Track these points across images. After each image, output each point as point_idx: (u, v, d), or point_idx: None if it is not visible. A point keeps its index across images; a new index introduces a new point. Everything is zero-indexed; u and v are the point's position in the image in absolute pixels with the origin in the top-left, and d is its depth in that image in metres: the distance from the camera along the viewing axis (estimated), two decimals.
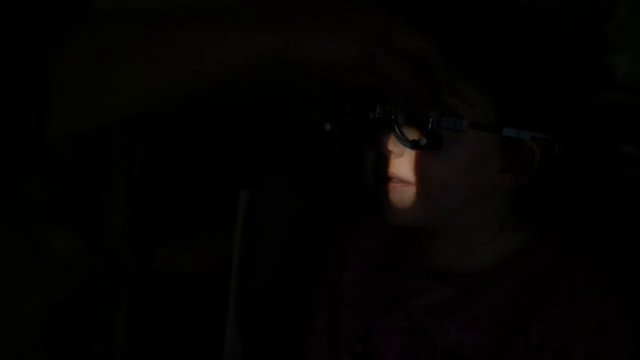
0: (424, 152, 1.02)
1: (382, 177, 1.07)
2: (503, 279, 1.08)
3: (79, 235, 1.43)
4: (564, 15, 1.49)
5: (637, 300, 1.12)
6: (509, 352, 1.06)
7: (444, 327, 1.09)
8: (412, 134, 1.02)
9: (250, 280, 1.43)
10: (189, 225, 1.58)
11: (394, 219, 1.07)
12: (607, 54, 1.51)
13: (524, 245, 1.10)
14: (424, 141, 1.00)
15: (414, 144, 1.01)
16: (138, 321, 1.57)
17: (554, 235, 1.12)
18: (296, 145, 1.52)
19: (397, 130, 1.03)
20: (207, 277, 1.56)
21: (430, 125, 1.00)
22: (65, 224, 1.40)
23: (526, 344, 1.05)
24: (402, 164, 1.04)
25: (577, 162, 1.12)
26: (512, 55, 1.03)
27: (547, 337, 1.04)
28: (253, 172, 1.46)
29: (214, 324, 1.44)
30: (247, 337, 1.41)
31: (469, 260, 1.10)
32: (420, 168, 1.03)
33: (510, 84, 1.03)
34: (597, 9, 1.52)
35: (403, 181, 1.05)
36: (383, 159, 1.05)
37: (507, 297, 1.07)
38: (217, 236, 1.52)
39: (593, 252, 1.14)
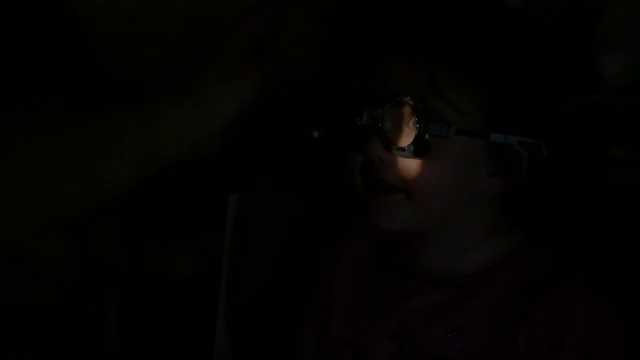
0: (412, 158, 1.02)
1: (371, 182, 1.07)
2: (493, 282, 1.09)
3: (71, 238, 1.43)
4: (554, 17, 1.49)
5: (628, 303, 1.13)
6: (497, 356, 1.06)
7: (433, 331, 1.09)
8: (399, 141, 1.03)
9: (241, 282, 1.43)
10: (181, 227, 1.58)
11: (382, 223, 1.07)
12: (597, 56, 1.51)
13: (513, 248, 1.10)
14: (411, 148, 1.01)
15: (401, 151, 1.02)
16: (129, 324, 1.56)
17: (546, 237, 1.12)
18: (289, 148, 1.52)
19: (384, 136, 1.03)
20: (199, 280, 1.56)
21: (417, 132, 1.00)
22: (57, 227, 1.39)
23: (514, 347, 1.05)
24: (390, 169, 1.04)
25: (566, 165, 1.12)
26: (500, 60, 1.03)
27: (535, 340, 1.04)
28: (245, 175, 1.46)
29: (205, 327, 1.44)
30: (236, 340, 1.42)
31: (459, 264, 1.11)
32: (408, 174, 1.03)
33: (498, 90, 1.03)
34: (587, 11, 1.52)
35: (391, 186, 1.05)
36: (371, 164, 1.06)
37: (497, 301, 1.08)
38: (209, 239, 1.52)
39: (582, 255, 1.14)
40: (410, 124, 1.02)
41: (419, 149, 1.01)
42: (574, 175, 1.20)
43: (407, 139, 1.02)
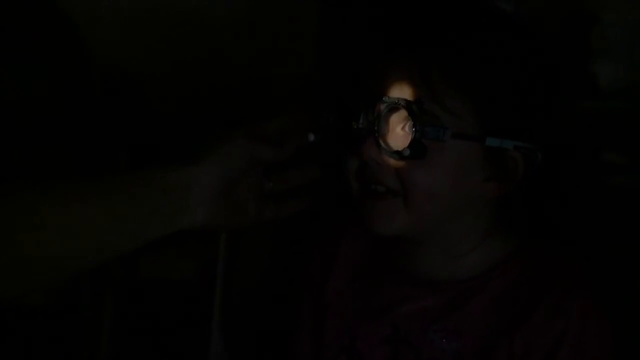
0: (408, 161, 1.02)
1: (366, 186, 1.06)
2: (487, 287, 1.09)
3: None
4: (548, 23, 1.49)
5: (621, 306, 1.13)
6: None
7: (429, 335, 1.09)
8: (395, 144, 1.02)
9: (236, 287, 1.43)
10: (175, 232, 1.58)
11: (378, 228, 1.07)
12: (592, 61, 1.52)
13: (507, 253, 1.11)
14: (407, 152, 1.01)
15: (397, 154, 1.02)
16: (123, 329, 1.56)
17: (537, 243, 1.12)
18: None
19: (380, 140, 1.03)
20: (193, 285, 1.56)
21: (413, 135, 1.00)
22: None
23: (509, 351, 1.05)
24: (386, 173, 1.04)
25: (560, 170, 1.12)
26: (495, 64, 1.03)
27: (530, 344, 1.04)
28: None
29: (199, 331, 1.44)
30: (231, 345, 1.41)
31: (453, 268, 1.11)
32: (404, 177, 1.03)
33: (494, 94, 1.03)
34: (581, 17, 1.53)
35: (387, 190, 1.05)
36: (367, 168, 1.05)
37: (492, 305, 1.08)
38: (203, 243, 1.52)
39: (576, 259, 1.14)
40: (407, 127, 1.02)
41: (415, 152, 1.01)
42: (568, 180, 1.20)
43: (403, 142, 1.02)
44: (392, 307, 1.12)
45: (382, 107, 1.03)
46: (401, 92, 1.03)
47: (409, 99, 1.01)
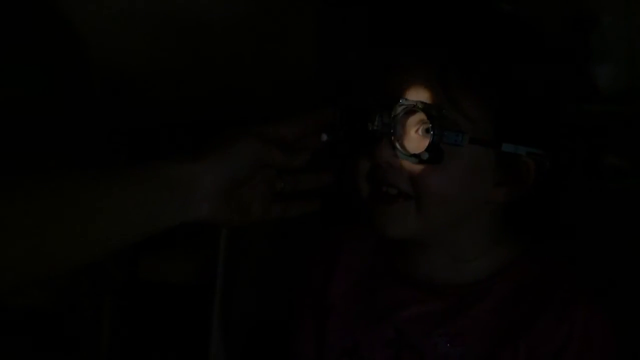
0: (423, 165, 1.02)
1: (378, 188, 1.06)
2: (491, 292, 1.08)
3: None
4: (548, 26, 1.50)
5: (623, 311, 1.13)
6: None
7: (432, 339, 1.08)
8: (410, 147, 1.02)
9: (236, 289, 1.42)
10: (174, 234, 1.58)
11: (389, 231, 1.06)
12: (592, 65, 1.52)
13: (512, 258, 1.10)
14: (425, 155, 1.00)
15: (414, 158, 1.01)
16: (122, 332, 1.56)
17: (541, 248, 1.12)
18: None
19: (396, 143, 1.03)
20: (192, 287, 1.55)
21: (432, 139, 1.00)
22: None
23: (514, 356, 1.05)
24: (399, 176, 1.04)
25: (565, 175, 1.13)
26: (513, 71, 1.03)
27: (534, 350, 1.04)
28: None
29: (199, 334, 1.43)
30: (231, 348, 1.41)
31: (458, 272, 1.10)
32: (417, 181, 1.03)
33: (511, 100, 1.02)
34: (581, 19, 1.53)
35: (399, 193, 1.05)
36: (379, 171, 1.05)
37: (496, 310, 1.08)
38: (203, 245, 1.51)
39: (579, 263, 1.14)
40: (420, 130, 1.02)
41: (433, 156, 1.00)
42: (571, 184, 1.21)
43: (418, 145, 1.02)
44: (395, 310, 1.11)
45: (399, 109, 1.02)
46: (418, 95, 1.02)
47: (426, 101, 1.01)
